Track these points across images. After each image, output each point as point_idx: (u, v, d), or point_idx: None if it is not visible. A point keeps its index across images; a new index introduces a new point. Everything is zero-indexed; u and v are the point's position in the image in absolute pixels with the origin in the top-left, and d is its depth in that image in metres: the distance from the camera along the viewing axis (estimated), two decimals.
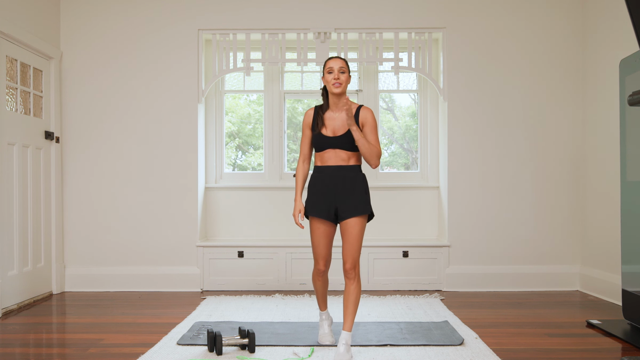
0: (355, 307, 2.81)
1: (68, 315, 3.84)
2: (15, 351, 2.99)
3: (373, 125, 2.88)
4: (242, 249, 4.61)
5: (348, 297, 2.81)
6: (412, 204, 4.92)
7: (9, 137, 3.94)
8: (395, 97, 5.24)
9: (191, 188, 4.65)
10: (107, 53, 4.65)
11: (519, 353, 2.89)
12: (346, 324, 2.79)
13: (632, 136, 3.31)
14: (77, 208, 4.63)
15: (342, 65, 2.89)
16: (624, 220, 3.39)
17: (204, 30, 4.68)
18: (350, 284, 2.81)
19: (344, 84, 2.87)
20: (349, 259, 2.80)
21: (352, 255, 2.80)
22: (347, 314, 2.80)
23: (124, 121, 4.65)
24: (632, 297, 3.27)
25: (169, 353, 2.85)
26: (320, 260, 2.92)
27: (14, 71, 4.05)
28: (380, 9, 4.65)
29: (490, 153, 4.63)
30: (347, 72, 2.90)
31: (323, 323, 3.07)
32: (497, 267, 4.60)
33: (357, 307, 2.84)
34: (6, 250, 3.88)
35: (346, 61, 2.94)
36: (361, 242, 2.84)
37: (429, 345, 2.96)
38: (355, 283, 2.81)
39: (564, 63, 4.63)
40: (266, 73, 4.98)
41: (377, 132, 2.89)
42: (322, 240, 2.89)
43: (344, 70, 2.89)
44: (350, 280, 2.81)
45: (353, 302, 2.80)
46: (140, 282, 4.60)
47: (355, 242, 2.81)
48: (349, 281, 2.82)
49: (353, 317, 2.81)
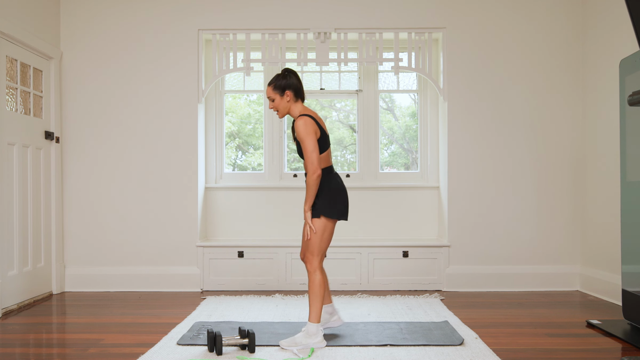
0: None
1: (68, 315, 3.85)
2: (15, 351, 2.99)
3: (300, 137, 2.95)
4: (242, 249, 4.61)
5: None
6: (412, 204, 4.92)
7: (9, 137, 3.94)
8: (395, 97, 5.24)
9: (191, 188, 4.65)
10: (107, 53, 4.65)
11: (519, 353, 2.89)
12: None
13: (632, 136, 3.31)
14: (77, 208, 4.63)
15: (268, 94, 3.05)
16: (624, 221, 3.39)
17: (204, 30, 4.68)
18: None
19: (277, 110, 3.06)
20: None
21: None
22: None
23: (124, 121, 4.65)
24: (632, 297, 3.27)
25: (169, 353, 2.85)
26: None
27: (14, 71, 4.05)
28: (380, 9, 4.65)
29: (490, 153, 4.63)
30: (274, 96, 3.02)
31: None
32: (497, 267, 4.60)
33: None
34: (6, 250, 3.88)
35: (272, 85, 3.03)
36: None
37: (429, 345, 2.96)
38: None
39: (564, 63, 4.63)
40: (266, 73, 4.98)
41: (306, 145, 2.92)
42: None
43: (270, 97, 3.04)
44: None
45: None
46: (140, 282, 4.60)
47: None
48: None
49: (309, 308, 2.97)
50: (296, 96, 3.04)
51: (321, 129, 3.00)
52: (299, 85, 3.04)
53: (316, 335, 2.90)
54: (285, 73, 3.04)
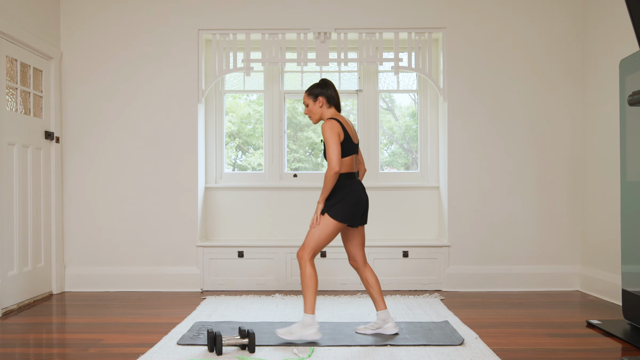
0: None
1: (68, 315, 3.85)
2: (15, 351, 2.99)
3: (325, 137, 3.07)
4: (242, 249, 4.61)
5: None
6: (412, 204, 4.92)
7: (9, 137, 3.94)
8: (395, 97, 5.24)
9: (191, 188, 4.65)
10: (107, 53, 4.65)
11: (519, 353, 2.89)
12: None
13: (632, 136, 3.31)
14: (77, 208, 4.63)
15: (304, 100, 3.25)
16: (624, 220, 3.39)
17: (204, 30, 4.68)
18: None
19: (310, 115, 3.23)
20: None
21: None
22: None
23: (124, 121, 4.65)
24: (632, 297, 3.27)
25: (169, 353, 2.85)
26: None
27: (14, 71, 4.05)
28: (380, 9, 4.65)
29: (490, 153, 4.63)
30: (308, 101, 3.20)
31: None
32: (497, 267, 4.60)
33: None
34: (6, 250, 3.87)
35: (307, 91, 3.22)
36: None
37: (429, 345, 2.96)
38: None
39: (564, 63, 4.63)
40: (266, 73, 4.98)
41: (329, 143, 3.04)
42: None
43: (305, 102, 3.23)
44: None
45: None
46: (140, 282, 4.60)
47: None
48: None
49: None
50: (329, 103, 3.19)
51: (347, 133, 3.09)
52: (333, 94, 3.21)
53: (311, 326, 2.98)
54: (322, 82, 3.22)
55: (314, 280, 3.00)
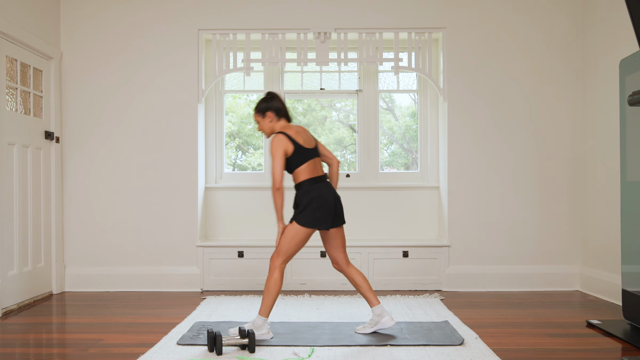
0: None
1: (68, 315, 3.85)
2: (15, 351, 2.99)
3: (271, 153, 3.14)
4: (242, 249, 4.61)
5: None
6: (412, 204, 4.92)
7: (9, 137, 3.94)
8: (395, 97, 5.24)
9: (191, 188, 4.65)
10: (107, 53, 4.65)
11: (519, 353, 2.89)
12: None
13: (632, 136, 3.31)
14: (77, 208, 4.63)
15: (254, 118, 3.28)
16: (624, 221, 3.39)
17: (204, 30, 4.68)
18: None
19: (263, 131, 3.27)
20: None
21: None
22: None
23: (124, 121, 4.65)
24: (632, 297, 3.27)
25: (169, 353, 2.85)
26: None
27: (14, 71, 4.05)
28: (380, 9, 4.65)
29: (490, 153, 4.63)
30: (258, 119, 3.25)
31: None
32: (497, 267, 4.60)
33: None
34: (6, 250, 3.88)
35: (255, 108, 3.26)
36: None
37: (429, 345, 2.96)
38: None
39: (564, 63, 4.63)
40: (266, 73, 4.98)
41: (273, 160, 3.12)
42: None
43: (255, 119, 3.27)
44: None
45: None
46: (140, 282, 4.60)
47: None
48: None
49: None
50: (278, 116, 3.21)
51: (296, 143, 3.11)
52: (280, 106, 3.22)
53: (261, 327, 3.03)
54: (267, 96, 3.24)
55: (278, 286, 3.05)
